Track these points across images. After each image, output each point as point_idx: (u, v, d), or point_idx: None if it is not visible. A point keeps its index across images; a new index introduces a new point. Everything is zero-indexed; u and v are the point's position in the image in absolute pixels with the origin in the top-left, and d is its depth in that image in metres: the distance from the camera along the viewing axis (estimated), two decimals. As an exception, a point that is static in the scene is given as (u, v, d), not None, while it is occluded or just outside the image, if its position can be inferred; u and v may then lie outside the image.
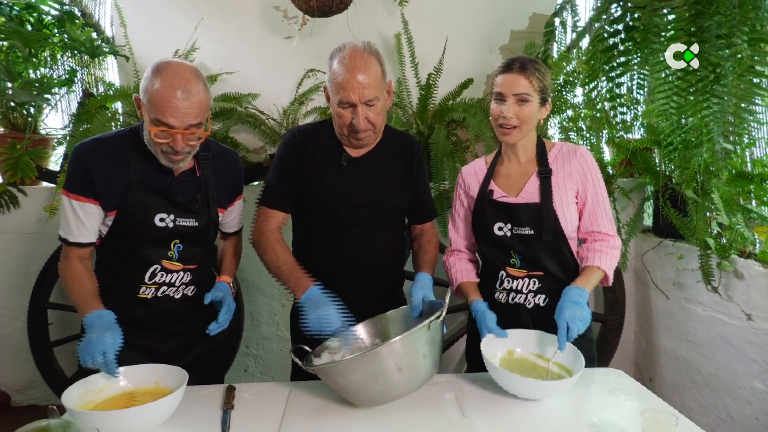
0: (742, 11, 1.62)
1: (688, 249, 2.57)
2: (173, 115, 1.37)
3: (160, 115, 1.37)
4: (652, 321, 2.88)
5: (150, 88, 1.38)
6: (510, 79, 1.53)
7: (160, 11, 2.99)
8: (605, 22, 2.04)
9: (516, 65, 1.54)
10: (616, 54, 1.96)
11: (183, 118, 1.38)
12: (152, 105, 1.38)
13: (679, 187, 2.48)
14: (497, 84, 1.57)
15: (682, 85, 1.86)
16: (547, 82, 1.56)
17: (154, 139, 1.40)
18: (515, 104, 1.53)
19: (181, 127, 1.39)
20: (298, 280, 1.55)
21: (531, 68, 1.53)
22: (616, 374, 1.56)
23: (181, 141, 1.41)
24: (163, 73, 1.37)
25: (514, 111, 1.54)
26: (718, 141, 1.74)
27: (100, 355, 1.30)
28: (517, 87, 1.52)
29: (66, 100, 3.02)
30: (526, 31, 3.07)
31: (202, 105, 1.41)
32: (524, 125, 1.55)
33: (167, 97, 1.35)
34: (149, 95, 1.38)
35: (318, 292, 1.49)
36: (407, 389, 1.30)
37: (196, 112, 1.40)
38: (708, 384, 2.49)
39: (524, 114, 1.54)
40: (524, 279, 1.60)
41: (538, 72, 1.53)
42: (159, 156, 1.46)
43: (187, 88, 1.37)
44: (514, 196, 1.62)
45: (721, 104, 1.70)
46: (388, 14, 2.99)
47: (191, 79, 1.39)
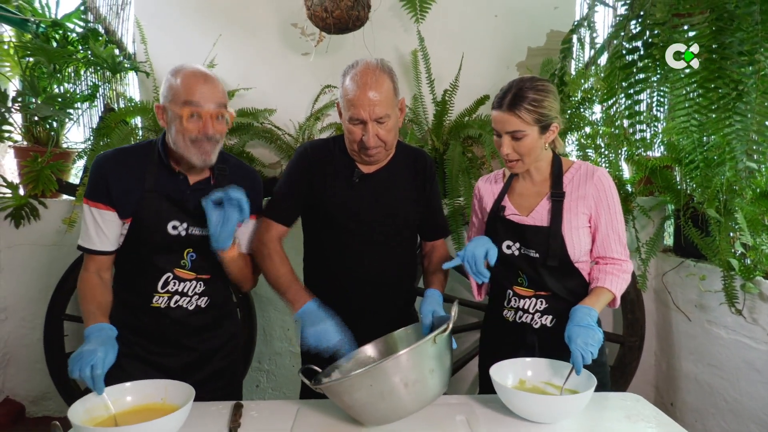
0: (764, 27, 1.59)
1: (710, 270, 2.50)
2: (201, 95, 1.45)
3: (189, 96, 1.45)
4: (674, 343, 2.80)
5: (173, 84, 1.47)
6: (501, 117, 1.49)
7: (179, 28, 3.05)
8: (623, 39, 2.01)
9: (506, 102, 1.47)
10: (635, 71, 1.93)
11: (211, 98, 1.47)
12: (178, 94, 1.46)
13: (701, 206, 2.43)
14: (492, 119, 1.54)
15: (703, 102, 1.82)
16: (546, 108, 1.48)
17: (186, 125, 1.46)
18: (511, 140, 1.50)
19: (209, 107, 1.46)
20: (295, 294, 1.55)
21: (524, 102, 1.45)
22: (634, 399, 1.51)
23: (211, 124, 1.47)
24: (182, 71, 1.48)
25: (511, 147, 1.51)
26: (741, 159, 1.69)
27: (88, 368, 1.29)
28: (508, 125, 1.48)
29: (88, 114, 3.08)
30: (543, 48, 3.06)
31: (222, 90, 1.52)
32: (526, 157, 1.52)
33: (192, 84, 1.46)
34: (173, 91, 1.47)
35: (314, 307, 1.50)
36: (415, 406, 1.27)
37: (220, 96, 1.50)
38: (732, 410, 2.40)
39: (522, 148, 1.50)
40: (531, 299, 1.58)
41: (533, 103, 1.45)
42: (190, 150, 1.49)
43: (206, 77, 1.49)
44: (525, 215, 1.60)
45: (743, 122, 1.65)
46: (404, 31, 3.01)
47: (208, 73, 1.51)
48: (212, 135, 1.48)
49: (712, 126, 1.85)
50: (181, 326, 1.60)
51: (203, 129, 1.47)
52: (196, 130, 1.47)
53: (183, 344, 1.63)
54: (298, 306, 1.50)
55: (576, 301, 1.51)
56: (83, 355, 1.32)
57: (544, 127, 1.50)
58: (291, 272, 1.61)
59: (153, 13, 3.04)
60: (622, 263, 1.56)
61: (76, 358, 1.32)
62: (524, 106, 1.45)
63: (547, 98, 1.48)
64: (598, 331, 1.40)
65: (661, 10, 1.72)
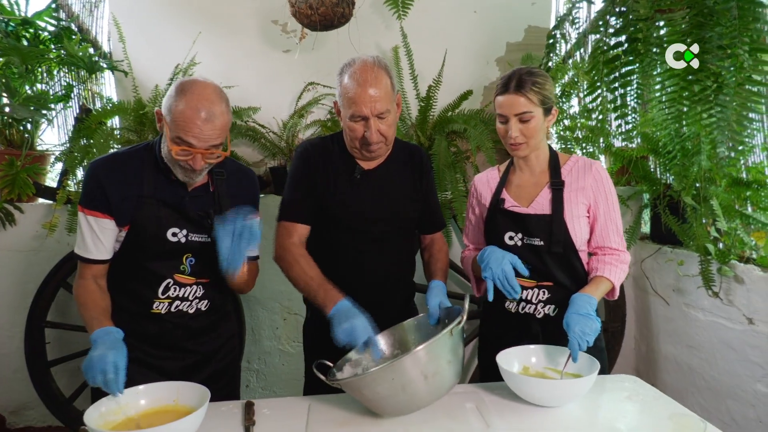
0: (742, 23, 1.67)
1: (687, 255, 2.60)
2: (196, 137, 1.38)
3: (183, 134, 1.38)
4: (653, 327, 2.91)
5: (174, 107, 1.39)
6: (509, 99, 1.54)
7: (157, 26, 2.99)
8: (605, 34, 2.08)
9: (513, 84, 1.53)
10: (618, 65, 2.00)
11: (206, 140, 1.40)
12: (175, 124, 1.39)
13: (678, 194, 2.53)
14: (498, 105, 1.58)
15: (683, 94, 1.91)
16: (548, 91, 1.56)
17: (175, 157, 1.41)
18: (518, 123, 1.54)
19: (202, 148, 1.40)
20: (327, 293, 1.53)
21: (528, 84, 1.52)
22: (632, 380, 1.58)
23: (201, 160, 1.42)
24: (188, 94, 1.39)
25: (518, 130, 1.55)
26: (722, 148, 1.78)
27: (101, 374, 1.28)
28: (516, 107, 1.53)
29: (63, 115, 2.99)
30: (522, 43, 3.12)
31: (224, 127, 1.43)
32: (532, 139, 1.57)
33: (191, 118, 1.37)
34: (173, 115, 1.39)
35: (348, 305, 1.48)
36: (433, 397, 1.30)
37: (217, 134, 1.41)
38: (710, 388, 2.51)
39: (530, 130, 1.55)
40: (533, 289, 1.61)
41: (536, 85, 1.53)
42: (176, 169, 1.46)
43: (211, 110, 1.39)
44: (526, 206, 1.63)
45: (724, 113, 1.74)
46: (386, 28, 3.02)
47: (215, 101, 1.41)
48: (199, 168, 1.44)
49: (690, 117, 1.94)
50: (182, 330, 1.59)
51: (191, 162, 1.42)
52: (184, 161, 1.43)
53: (184, 347, 1.62)
54: (332, 305, 1.49)
55: (578, 290, 1.55)
56: (93, 361, 1.29)
57: (547, 110, 1.57)
58: (320, 274, 1.59)
59: (129, 10, 2.96)
60: (620, 254, 1.60)
61: (87, 365, 1.30)
62: (530, 87, 1.52)
63: (547, 81, 1.56)
64: (596, 320, 1.45)
65: (644, 6, 1.79)
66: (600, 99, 2.15)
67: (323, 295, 1.53)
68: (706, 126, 1.86)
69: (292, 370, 2.97)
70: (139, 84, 2.91)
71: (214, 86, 1.44)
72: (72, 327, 2.73)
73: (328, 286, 1.55)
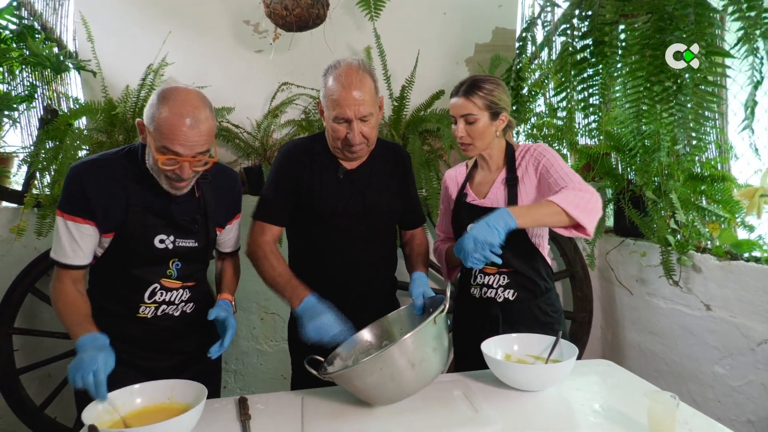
0: (698, 27, 1.79)
1: (649, 247, 2.74)
2: (182, 144, 1.36)
3: (168, 143, 1.36)
4: (618, 316, 3.05)
5: (157, 116, 1.36)
6: (456, 102, 1.68)
7: (125, 25, 2.94)
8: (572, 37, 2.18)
9: (461, 89, 1.67)
10: (586, 66, 2.10)
11: (192, 147, 1.38)
12: (159, 133, 1.36)
13: (639, 189, 2.66)
14: (450, 107, 1.72)
15: (644, 94, 2.02)
16: (496, 97, 1.66)
17: (162, 167, 1.39)
18: (465, 124, 1.67)
19: (189, 155, 1.39)
20: (294, 290, 1.58)
21: (473, 89, 1.64)
22: (605, 364, 1.67)
23: (188, 168, 1.41)
24: (171, 101, 1.37)
25: (464, 130, 1.68)
26: (681, 145, 1.89)
27: (91, 374, 1.25)
28: (461, 109, 1.66)
29: (26, 116, 2.91)
30: (489, 44, 3.22)
31: (209, 132, 1.42)
32: (477, 141, 1.69)
33: (175, 125, 1.35)
34: (156, 123, 1.37)
35: (314, 301, 1.53)
36: (421, 384, 1.36)
37: (204, 140, 1.40)
38: (672, 372, 2.66)
39: (475, 132, 1.67)
40: (495, 275, 1.73)
41: (483, 91, 1.64)
42: (162, 181, 1.45)
43: (195, 116, 1.37)
44: (483, 199, 1.75)
45: (683, 111, 1.86)
46: (358, 29, 3.06)
47: (199, 106, 1.39)
48: (187, 177, 1.43)
49: (651, 116, 2.05)
50: (168, 332, 1.60)
51: (179, 171, 1.41)
52: (171, 170, 1.41)
53: (169, 348, 1.62)
54: (298, 302, 1.53)
55: (537, 276, 1.70)
56: (84, 362, 1.27)
57: (494, 114, 1.67)
58: (288, 271, 1.63)
59: (95, 9, 2.91)
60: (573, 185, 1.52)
61: (76, 366, 1.27)
62: (477, 93, 1.64)
63: (497, 89, 1.67)
64: (497, 236, 1.38)
65: (610, 11, 1.89)
66: (568, 98, 2.25)
67: (290, 291, 1.57)
68: (666, 124, 1.97)
69: (270, 369, 2.98)
70: (109, 84, 2.85)
71: (197, 92, 1.43)
72: (41, 333, 2.66)
73: (296, 282, 1.59)
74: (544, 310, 1.73)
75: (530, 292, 1.73)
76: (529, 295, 1.72)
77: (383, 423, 1.32)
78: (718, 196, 2.51)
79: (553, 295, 1.79)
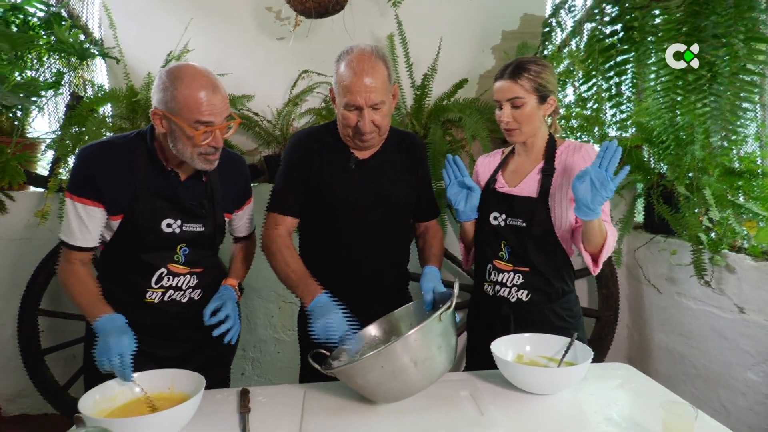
0: (737, 11, 1.67)
1: (680, 244, 2.62)
2: (212, 113, 1.39)
3: (200, 116, 1.38)
4: (645, 316, 2.93)
5: (178, 95, 1.38)
6: (502, 85, 1.60)
7: (148, 13, 2.95)
8: (601, 23, 2.07)
9: (507, 71, 1.59)
10: (614, 54, 1.99)
11: (221, 112, 1.41)
12: (189, 110, 1.38)
13: (671, 183, 2.54)
14: (494, 91, 1.64)
15: (677, 83, 1.91)
16: (544, 79, 1.59)
17: (200, 143, 1.41)
18: (511, 108, 1.59)
19: (220, 123, 1.42)
20: (307, 287, 1.54)
21: (521, 71, 1.57)
22: (625, 368, 1.59)
23: (220, 136, 1.44)
24: (185, 78, 1.38)
25: (511, 115, 1.60)
26: (715, 138, 1.78)
27: (118, 357, 1.30)
28: (508, 93, 1.59)
29: (53, 103, 2.96)
30: (517, 32, 3.11)
31: (226, 95, 1.45)
32: (524, 125, 1.61)
33: (202, 98, 1.37)
34: (181, 103, 1.37)
35: (326, 299, 1.49)
36: (425, 383, 1.31)
37: (227, 104, 1.44)
38: (702, 376, 2.54)
39: (522, 116, 1.59)
40: (510, 273, 1.65)
41: (530, 72, 1.57)
42: (195, 161, 1.45)
43: (212, 83, 1.40)
44: (513, 187, 1.68)
45: (718, 102, 1.74)
46: (380, 15, 3.00)
47: (208, 74, 1.42)
48: (221, 146, 1.47)
49: (686, 106, 1.94)
50: (175, 319, 1.60)
51: (214, 142, 1.44)
52: (206, 144, 1.43)
53: (176, 336, 1.62)
54: (310, 299, 1.49)
55: (555, 278, 1.62)
56: (110, 346, 1.31)
57: (542, 97, 1.59)
58: (301, 266, 1.60)
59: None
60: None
61: (103, 350, 1.32)
62: (524, 75, 1.57)
63: (545, 71, 1.59)
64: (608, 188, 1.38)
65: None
66: (595, 88, 2.15)
67: (303, 288, 1.54)
68: (699, 116, 1.86)
69: (288, 358, 2.98)
70: (131, 71, 2.88)
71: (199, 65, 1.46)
72: (65, 315, 2.72)
73: (309, 279, 1.56)
74: (560, 314, 1.66)
75: (545, 295, 1.65)
76: (543, 297, 1.65)
77: (383, 421, 1.28)
78: (756, 192, 2.37)
79: (572, 298, 1.71)
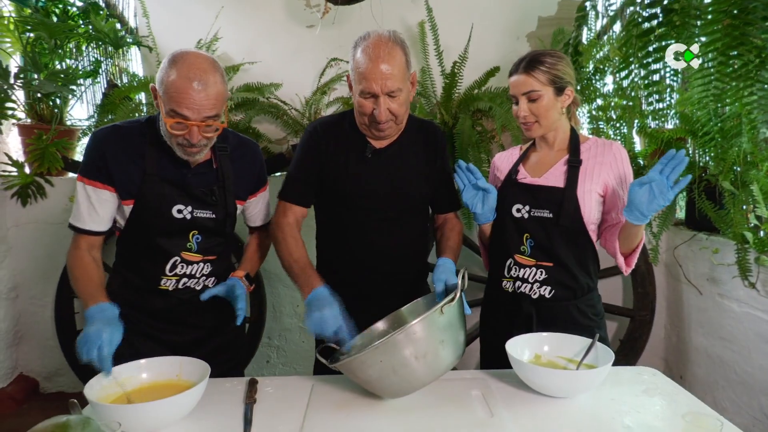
0: (790, -9, 1.53)
1: (723, 243, 2.47)
2: (189, 107, 1.34)
3: (176, 106, 1.34)
4: (684, 317, 2.79)
5: (166, 79, 1.35)
6: (516, 80, 1.56)
7: (180, 1, 2.98)
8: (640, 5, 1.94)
9: (521, 65, 1.55)
10: (653, 39, 1.87)
11: (199, 110, 1.35)
12: (168, 96, 1.35)
13: (715, 178, 2.39)
14: (510, 86, 1.59)
15: (723, 71, 1.77)
16: (560, 71, 1.53)
17: (170, 131, 1.38)
18: (527, 102, 1.55)
19: (197, 120, 1.36)
20: (307, 279, 1.52)
21: (535, 64, 1.53)
22: (651, 373, 1.50)
23: (197, 133, 1.38)
24: (179, 64, 1.34)
25: (528, 109, 1.55)
26: (762, 129, 1.65)
27: (95, 350, 1.26)
28: (523, 86, 1.54)
29: (91, 91, 3.03)
30: (554, 18, 2.98)
31: (218, 97, 1.39)
32: (542, 119, 1.56)
33: (183, 88, 1.33)
34: (165, 86, 1.35)
35: (324, 292, 1.45)
36: (428, 378, 1.27)
37: (212, 104, 1.37)
38: (742, 383, 2.40)
39: (539, 109, 1.55)
40: (532, 268, 1.58)
41: (545, 65, 1.52)
42: (175, 148, 1.44)
43: (204, 80, 1.34)
44: (537, 177, 1.61)
45: (766, 90, 1.60)
46: (411, 1, 2.93)
47: (208, 70, 1.36)
48: (197, 143, 1.40)
49: (731, 96, 1.80)
50: (189, 306, 1.60)
51: (188, 136, 1.39)
52: (181, 136, 1.39)
53: (190, 322, 1.63)
54: (308, 291, 1.47)
55: (581, 272, 1.55)
56: (90, 336, 1.29)
57: (559, 89, 1.54)
58: (305, 257, 1.58)
59: (153, -16, 2.97)
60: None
61: (82, 341, 1.29)
62: (539, 67, 1.52)
63: (560, 62, 1.54)
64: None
65: (682, -26, 1.65)
66: (633, 75, 2.03)
67: (303, 279, 1.51)
68: (746, 105, 1.72)
69: (312, 347, 2.96)
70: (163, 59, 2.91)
71: (207, 56, 1.41)
72: (100, 298, 2.80)
73: (310, 271, 1.53)
74: (584, 312, 1.58)
75: (569, 291, 1.57)
76: (567, 293, 1.57)
77: (387, 418, 1.25)
78: (808, 189, 2.20)
79: (595, 296, 1.63)
